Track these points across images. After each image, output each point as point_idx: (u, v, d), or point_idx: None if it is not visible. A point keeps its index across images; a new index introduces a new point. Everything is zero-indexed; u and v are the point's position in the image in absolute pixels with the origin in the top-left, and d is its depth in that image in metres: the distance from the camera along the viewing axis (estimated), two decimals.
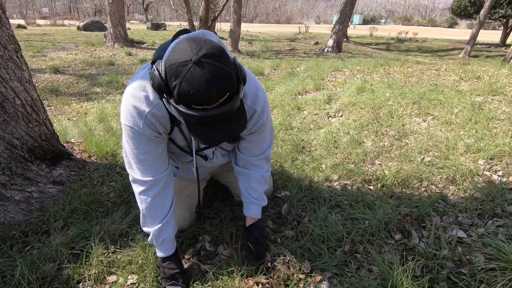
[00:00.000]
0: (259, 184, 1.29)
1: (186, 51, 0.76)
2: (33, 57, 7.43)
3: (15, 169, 1.59)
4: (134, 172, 1.07)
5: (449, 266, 1.17)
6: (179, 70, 0.75)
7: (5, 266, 1.27)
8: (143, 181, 1.06)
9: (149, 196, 1.08)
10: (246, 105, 1.02)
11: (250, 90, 1.03)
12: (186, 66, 0.74)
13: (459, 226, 1.37)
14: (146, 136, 0.99)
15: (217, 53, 0.77)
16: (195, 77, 0.74)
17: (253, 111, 1.06)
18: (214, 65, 0.75)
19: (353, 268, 1.21)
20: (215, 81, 0.75)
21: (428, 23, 46.64)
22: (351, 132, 2.39)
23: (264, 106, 1.07)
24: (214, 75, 0.75)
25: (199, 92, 0.75)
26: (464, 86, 3.20)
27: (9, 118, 1.57)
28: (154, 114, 0.95)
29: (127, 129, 0.98)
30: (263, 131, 1.14)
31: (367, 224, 1.41)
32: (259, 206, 1.32)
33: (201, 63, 0.74)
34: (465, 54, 12.28)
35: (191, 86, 0.74)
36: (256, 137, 1.16)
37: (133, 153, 1.03)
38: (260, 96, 1.05)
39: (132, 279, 1.23)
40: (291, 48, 13.03)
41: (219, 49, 0.79)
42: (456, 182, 1.68)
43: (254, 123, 1.09)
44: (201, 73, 0.74)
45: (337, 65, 5.05)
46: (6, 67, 1.55)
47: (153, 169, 1.06)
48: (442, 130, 2.27)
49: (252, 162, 1.25)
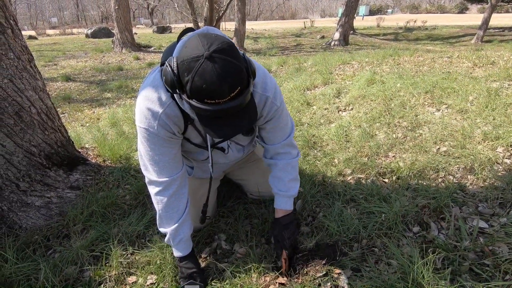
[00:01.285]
0: (285, 173, 1.24)
1: (198, 47, 0.77)
2: (45, 66, 7.63)
3: (34, 176, 1.64)
4: (150, 174, 1.09)
5: (471, 257, 1.14)
6: (191, 65, 0.77)
7: (30, 269, 1.31)
8: (159, 182, 1.08)
9: (165, 197, 1.09)
10: (257, 93, 1.02)
11: (259, 78, 1.02)
12: (198, 61, 0.76)
13: (480, 216, 1.33)
14: (161, 137, 1.00)
15: (228, 48, 0.78)
16: (207, 72, 0.75)
17: (266, 98, 1.05)
18: (225, 60, 0.76)
19: (372, 263, 1.20)
20: (226, 75, 0.76)
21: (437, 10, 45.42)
22: (363, 125, 2.35)
23: (275, 92, 1.07)
24: (225, 70, 0.76)
25: (211, 86, 0.76)
26: (478, 73, 3.10)
27: (26, 127, 1.61)
28: (168, 114, 0.96)
29: (142, 131, 1.00)
30: (280, 116, 1.13)
31: (383, 217, 1.39)
32: (284, 197, 1.25)
33: (213, 58, 0.75)
34: (477, 40, 11.91)
35: (204, 80, 0.76)
36: (274, 123, 1.14)
37: (149, 155, 1.04)
38: (268, 82, 1.05)
39: (151, 279, 1.25)
40: (297, 43, 12.93)
41: (229, 44, 0.80)
42: (475, 171, 1.64)
43: (269, 110, 1.08)
44: (213, 68, 0.75)
45: (345, 58, 4.98)
46: (21, 77, 1.60)
47: (168, 170, 1.07)
48: (457, 119, 2.21)
49: (278, 150, 1.22)
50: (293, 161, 1.24)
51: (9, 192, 1.55)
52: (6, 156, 1.53)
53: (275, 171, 1.25)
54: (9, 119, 1.53)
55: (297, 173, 1.28)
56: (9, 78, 1.53)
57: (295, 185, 1.27)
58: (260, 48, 11.58)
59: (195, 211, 1.35)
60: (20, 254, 1.39)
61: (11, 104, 1.54)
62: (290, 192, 1.25)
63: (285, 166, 1.23)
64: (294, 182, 1.27)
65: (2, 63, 1.51)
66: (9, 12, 1.56)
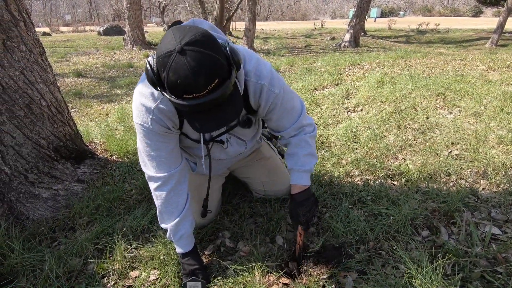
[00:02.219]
0: (299, 148, 1.17)
1: (170, 41, 0.75)
2: (57, 63, 7.76)
3: (42, 168, 1.66)
4: (148, 170, 1.09)
5: (482, 264, 1.10)
6: (165, 61, 0.74)
7: (35, 260, 1.32)
8: (157, 177, 1.07)
9: (164, 192, 1.09)
10: (251, 82, 0.99)
11: (251, 66, 0.98)
12: (171, 56, 0.73)
13: (493, 222, 1.29)
14: (156, 132, 0.99)
15: (202, 39, 0.75)
16: (180, 66, 0.73)
17: (261, 87, 1.00)
18: (198, 52, 0.73)
19: (378, 266, 1.16)
20: (200, 68, 0.73)
21: (450, 13, 44.65)
22: (372, 127, 2.31)
23: (271, 79, 1.01)
24: (199, 62, 0.73)
25: (185, 81, 0.74)
26: (493, 76, 3.02)
27: (36, 119, 1.63)
28: (161, 109, 0.95)
29: (138, 127, 1.00)
30: (282, 103, 1.06)
31: (391, 220, 1.35)
32: (299, 171, 1.17)
33: (184, 51, 0.73)
34: (492, 44, 11.64)
35: (178, 76, 0.74)
36: (279, 112, 1.08)
37: (146, 151, 1.04)
38: (263, 70, 1.00)
39: (154, 275, 1.25)
40: (307, 44, 12.87)
41: (204, 34, 0.76)
42: (488, 176, 1.59)
43: (266, 98, 1.02)
44: (185, 61, 0.72)
45: (355, 59, 4.92)
46: (32, 70, 1.62)
47: (166, 165, 1.06)
48: (471, 122, 2.15)
49: (291, 133, 1.16)
50: (306, 136, 1.17)
51: (17, 183, 1.57)
52: (16, 148, 1.55)
53: (289, 148, 1.20)
54: (19, 111, 1.55)
55: (314, 149, 1.20)
56: (20, 71, 1.55)
57: (310, 160, 1.19)
58: (269, 48, 11.56)
59: (198, 208, 1.34)
60: (26, 244, 1.40)
61: (22, 96, 1.56)
62: (305, 166, 1.17)
63: (298, 141, 1.17)
64: (310, 157, 1.18)
65: (14, 55, 1.53)
66: (22, 5, 1.58)
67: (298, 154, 1.17)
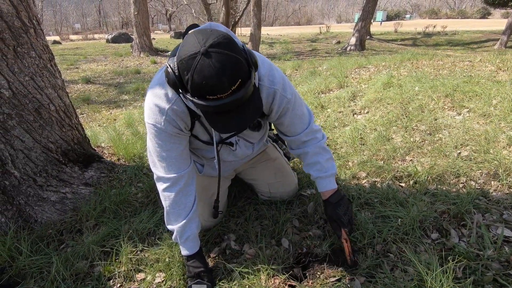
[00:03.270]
0: (319, 156, 1.20)
1: (194, 44, 0.77)
2: (67, 70, 7.93)
3: (50, 171, 1.68)
4: (158, 170, 1.09)
5: (495, 267, 1.07)
6: (189, 63, 0.76)
7: (43, 263, 1.33)
8: (166, 178, 1.08)
9: (172, 193, 1.10)
10: (264, 87, 1.00)
11: (265, 70, 1.00)
12: (195, 59, 0.75)
13: (505, 224, 1.25)
14: (168, 133, 1.00)
15: (224, 41, 0.77)
16: (205, 68, 0.74)
17: (274, 92, 1.02)
18: (222, 54, 0.75)
19: (387, 269, 1.14)
20: (225, 69, 0.75)
21: (457, 15, 44.25)
22: (379, 128, 2.29)
23: (284, 84, 1.04)
24: (223, 64, 0.75)
25: (211, 82, 0.75)
26: (502, 76, 2.97)
27: (45, 123, 1.66)
28: (174, 110, 0.97)
29: (150, 127, 1.01)
30: (293, 108, 1.09)
31: (399, 222, 1.33)
32: (325, 178, 1.21)
33: (209, 53, 0.74)
34: (501, 45, 11.48)
35: (203, 77, 0.75)
36: (290, 116, 1.11)
37: (156, 151, 1.05)
38: (276, 75, 1.02)
39: (159, 277, 1.24)
40: (312, 48, 12.89)
41: (226, 37, 0.78)
42: (499, 177, 1.55)
43: (279, 103, 1.05)
44: (210, 63, 0.74)
45: (361, 62, 4.90)
46: (41, 75, 1.65)
47: (176, 166, 1.07)
48: (480, 123, 2.11)
49: (302, 139, 1.18)
50: (321, 143, 1.21)
51: (26, 187, 1.59)
52: (25, 151, 1.58)
53: (308, 159, 1.21)
54: (28, 116, 1.58)
55: (331, 153, 1.25)
56: (30, 76, 1.59)
57: (332, 164, 1.23)
58: (275, 53, 11.62)
59: (206, 209, 1.34)
60: (34, 247, 1.41)
61: (31, 101, 1.59)
62: (330, 171, 1.21)
63: (316, 150, 1.20)
64: (331, 161, 1.24)
65: (24, 61, 1.56)
66: (33, 13, 1.62)
67: (320, 162, 1.20)
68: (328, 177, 1.21)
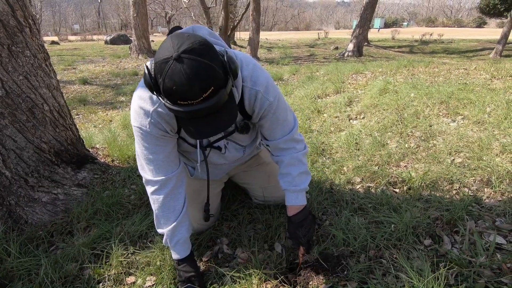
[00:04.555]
0: (292, 167, 1.17)
1: (168, 48, 0.76)
2: (64, 70, 7.89)
3: (42, 172, 1.66)
4: (146, 173, 1.08)
5: (487, 274, 1.07)
6: (162, 67, 0.75)
7: (31, 265, 1.31)
8: (154, 181, 1.07)
9: (161, 195, 1.08)
10: (246, 88, 0.99)
11: (248, 72, 0.99)
12: (168, 63, 0.74)
13: (497, 231, 1.26)
14: (154, 136, 0.99)
15: (199, 47, 0.75)
16: (176, 74, 0.73)
17: (256, 93, 1.00)
18: (194, 60, 0.74)
19: (379, 275, 1.13)
20: (196, 76, 0.74)
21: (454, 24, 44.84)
22: (374, 134, 2.30)
23: (267, 86, 1.01)
24: (194, 70, 0.74)
25: (181, 88, 0.74)
26: (497, 84, 3.01)
27: (38, 123, 1.64)
28: (159, 112, 0.96)
29: (136, 130, 1.00)
30: (275, 112, 1.06)
31: (393, 228, 1.33)
32: (295, 192, 1.18)
33: (181, 59, 0.73)
34: (496, 54, 11.64)
35: (173, 82, 0.74)
36: (271, 119, 1.08)
37: (143, 154, 1.04)
38: (260, 76, 1.00)
39: (150, 281, 1.23)
40: (310, 54, 12.98)
41: (202, 43, 0.77)
42: (492, 184, 1.56)
43: (260, 105, 1.03)
44: (181, 68, 0.73)
45: (358, 68, 4.94)
46: (36, 75, 1.64)
47: (163, 169, 1.06)
48: (474, 130, 2.12)
49: (280, 145, 1.15)
50: (299, 154, 1.17)
51: (17, 187, 1.57)
52: (17, 151, 1.56)
53: (282, 167, 1.19)
54: (22, 115, 1.57)
55: (307, 167, 1.21)
56: (24, 75, 1.57)
57: (305, 179, 1.19)
58: (273, 58, 11.67)
59: (197, 212, 1.33)
60: (23, 248, 1.39)
61: (24, 100, 1.58)
62: (300, 185, 1.17)
63: (291, 160, 1.16)
64: (304, 175, 1.19)
65: (19, 60, 1.55)
66: (28, 12, 1.61)
67: (292, 174, 1.17)
68: (296, 192, 1.18)
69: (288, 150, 1.17)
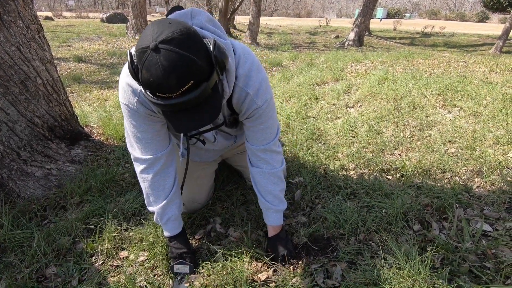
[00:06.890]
0: (272, 184, 1.15)
1: (147, 37, 0.70)
2: (58, 47, 7.69)
3: (35, 146, 1.64)
4: (135, 151, 1.06)
5: (471, 259, 1.10)
6: (140, 56, 0.71)
7: (24, 237, 1.31)
8: (143, 159, 1.05)
9: (150, 174, 1.07)
10: (237, 87, 0.94)
11: (244, 71, 0.93)
12: (145, 53, 0.70)
13: (485, 219, 1.29)
14: (141, 114, 0.96)
15: (179, 37, 0.69)
16: (152, 65, 0.69)
17: (246, 94, 0.95)
18: (172, 51, 0.68)
19: (367, 256, 1.16)
20: (173, 68, 0.69)
21: (456, 17, 44.38)
22: (370, 122, 2.30)
23: (258, 89, 0.96)
24: (172, 63, 0.69)
25: (157, 80, 0.70)
26: (495, 78, 3.00)
27: (31, 97, 1.61)
28: None
29: (124, 107, 0.97)
30: (260, 117, 1.02)
31: (383, 213, 1.35)
32: (276, 211, 1.19)
33: (159, 49, 0.68)
34: (496, 50, 11.59)
35: (150, 74, 0.70)
36: (254, 123, 1.04)
37: (132, 131, 1.02)
38: (254, 77, 0.95)
39: (142, 256, 1.24)
40: (310, 41, 12.80)
41: (184, 32, 0.71)
42: (483, 174, 1.58)
43: (248, 107, 0.98)
44: (158, 60, 0.68)
45: (358, 57, 4.89)
46: (28, 46, 1.59)
47: (152, 148, 1.04)
48: (469, 122, 2.14)
49: (257, 153, 1.11)
50: (278, 172, 1.15)
51: (9, 160, 1.56)
52: (9, 124, 1.53)
53: (261, 182, 1.16)
54: (14, 87, 1.53)
55: (284, 183, 1.21)
56: (16, 46, 1.53)
57: (283, 198, 1.21)
58: (273, 43, 11.49)
59: (189, 192, 1.33)
60: (15, 221, 1.39)
61: (17, 72, 1.54)
62: (281, 205, 1.20)
63: (271, 176, 1.14)
64: (283, 192, 1.21)
65: (11, 30, 1.50)
66: None
67: (273, 192, 1.16)
68: (279, 211, 1.20)
69: (265, 161, 1.12)
